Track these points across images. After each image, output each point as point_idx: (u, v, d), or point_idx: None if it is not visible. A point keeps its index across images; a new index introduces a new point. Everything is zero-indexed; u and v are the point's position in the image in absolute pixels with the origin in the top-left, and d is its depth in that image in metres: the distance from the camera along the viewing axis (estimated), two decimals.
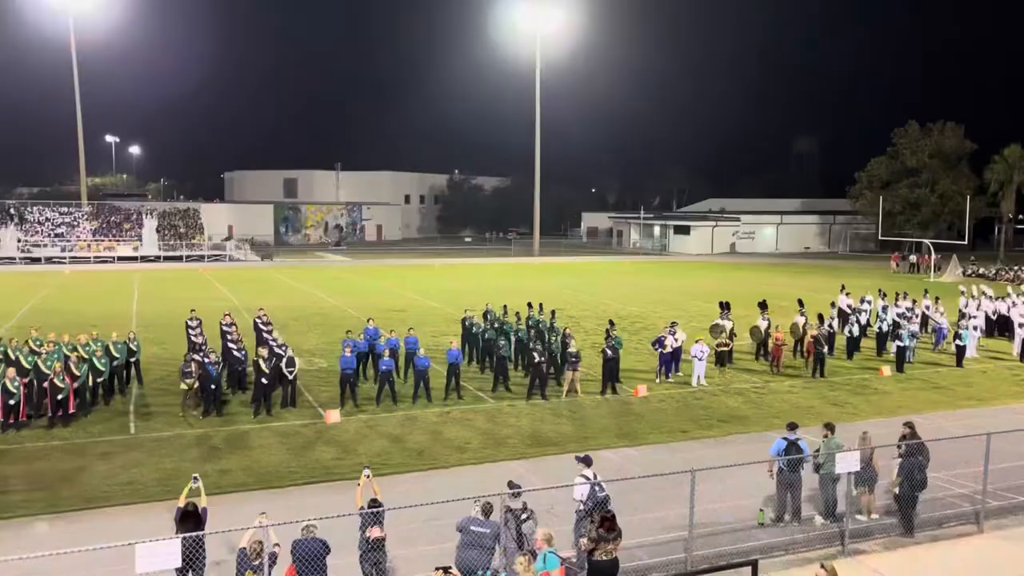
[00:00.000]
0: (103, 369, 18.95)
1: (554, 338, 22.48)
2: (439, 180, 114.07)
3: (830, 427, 13.19)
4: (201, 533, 9.39)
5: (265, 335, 22.14)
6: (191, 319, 23.60)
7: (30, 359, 18.49)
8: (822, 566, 8.60)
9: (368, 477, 10.44)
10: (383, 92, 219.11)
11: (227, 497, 13.29)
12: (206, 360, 18.47)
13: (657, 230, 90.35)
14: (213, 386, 18.27)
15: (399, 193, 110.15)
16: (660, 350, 22.29)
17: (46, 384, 17.42)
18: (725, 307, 26.72)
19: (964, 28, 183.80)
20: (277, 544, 9.13)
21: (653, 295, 43.22)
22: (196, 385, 18.47)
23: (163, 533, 10.26)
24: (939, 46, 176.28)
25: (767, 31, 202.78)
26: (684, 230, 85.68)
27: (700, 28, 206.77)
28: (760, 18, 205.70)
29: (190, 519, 9.81)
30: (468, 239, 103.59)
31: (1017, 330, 26.91)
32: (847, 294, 32.02)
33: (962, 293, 32.55)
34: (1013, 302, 30.46)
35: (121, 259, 63.91)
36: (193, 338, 22.20)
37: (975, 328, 27.09)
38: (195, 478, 10.54)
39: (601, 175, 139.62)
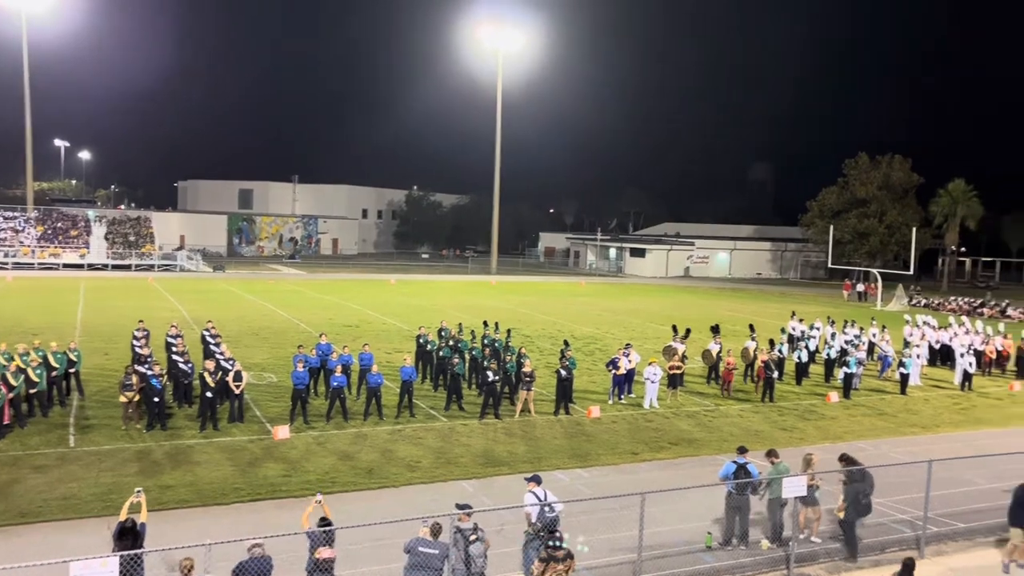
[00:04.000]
0: (38, 380, 18.34)
1: (509, 357, 22.45)
2: (397, 195, 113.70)
3: (774, 453, 13.35)
4: (140, 551, 9.11)
5: (212, 348, 21.71)
6: (138, 330, 23.06)
7: None
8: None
9: (319, 503, 10.14)
10: (343, 106, 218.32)
11: (168, 514, 12.93)
12: (150, 372, 18.03)
13: (613, 252, 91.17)
14: (156, 399, 17.81)
15: (356, 207, 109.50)
16: (614, 371, 22.40)
17: None
18: (685, 333, 26.98)
19: (915, 64, 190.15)
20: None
21: (608, 316, 43.48)
22: (136, 398, 17.98)
23: (99, 550, 9.94)
24: (892, 80, 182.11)
25: (726, 60, 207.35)
26: (640, 253, 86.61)
27: (659, 53, 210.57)
28: (718, 46, 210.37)
29: (128, 536, 9.51)
30: (425, 255, 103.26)
31: (958, 359, 27.65)
32: (800, 320, 32.63)
33: (907, 322, 33.42)
34: (955, 332, 31.35)
35: (67, 266, 62.34)
36: (138, 350, 21.67)
37: (918, 356, 27.77)
38: (137, 491, 10.23)
39: (559, 196, 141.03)
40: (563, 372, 21.10)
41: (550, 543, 9.44)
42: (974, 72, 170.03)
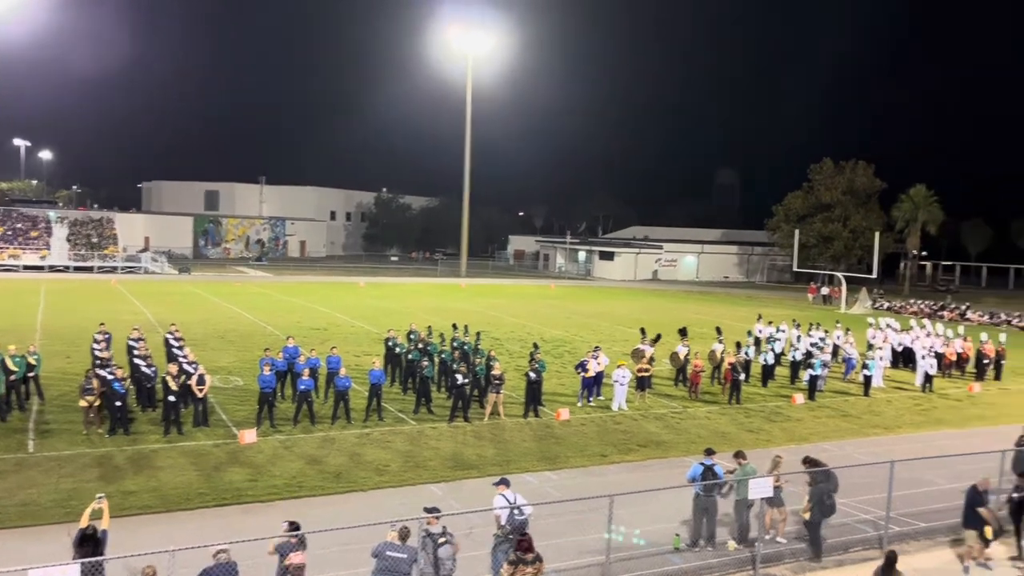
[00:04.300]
0: None
1: (478, 360, 22.42)
2: (366, 198, 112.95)
3: (741, 455, 13.48)
4: (100, 559, 8.94)
5: (176, 351, 21.40)
6: (99, 333, 22.64)
7: None
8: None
9: (287, 532, 9.86)
10: (311, 106, 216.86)
11: (130, 520, 12.70)
12: (111, 376, 17.70)
13: (582, 255, 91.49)
14: (118, 403, 17.49)
15: (324, 209, 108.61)
16: (583, 374, 22.46)
17: None
18: (656, 337, 27.10)
19: (876, 71, 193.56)
20: None
21: (577, 319, 43.62)
22: (97, 402, 17.63)
23: (59, 557, 9.74)
24: (855, 87, 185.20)
25: (693, 65, 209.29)
26: (608, 256, 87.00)
27: (628, 58, 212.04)
28: (686, 52, 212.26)
29: (89, 543, 9.34)
30: (394, 258, 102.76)
31: (920, 361, 28.14)
32: (769, 323, 33.01)
33: (870, 325, 33.96)
34: (916, 335, 31.93)
35: (27, 268, 61.14)
36: (98, 353, 21.27)
37: (881, 359, 28.22)
38: (99, 497, 10.04)
39: (529, 199, 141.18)
40: (532, 375, 21.12)
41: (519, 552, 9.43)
42: (935, 79, 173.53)
